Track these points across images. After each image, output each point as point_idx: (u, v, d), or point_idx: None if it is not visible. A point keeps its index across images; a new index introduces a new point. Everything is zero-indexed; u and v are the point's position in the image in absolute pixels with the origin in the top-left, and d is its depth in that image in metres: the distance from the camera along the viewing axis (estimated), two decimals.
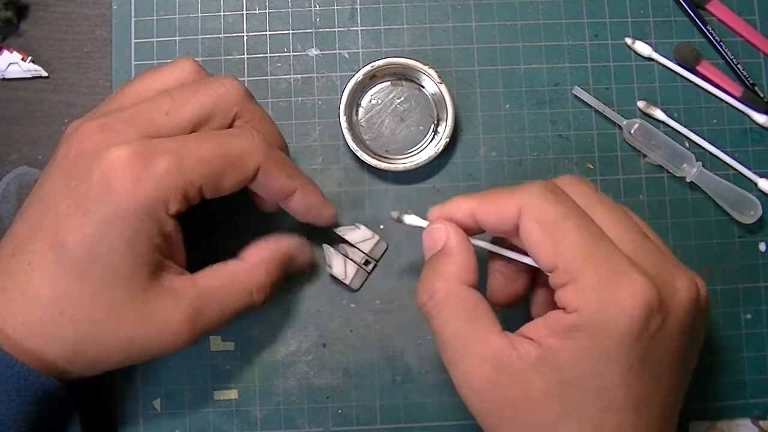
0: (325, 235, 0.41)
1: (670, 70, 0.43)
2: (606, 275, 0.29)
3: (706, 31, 0.43)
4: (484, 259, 0.35)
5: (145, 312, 0.32)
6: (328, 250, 0.41)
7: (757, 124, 0.43)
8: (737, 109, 0.43)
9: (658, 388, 0.30)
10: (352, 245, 0.41)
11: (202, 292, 0.34)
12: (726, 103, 0.43)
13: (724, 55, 0.43)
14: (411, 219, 0.36)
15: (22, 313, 0.32)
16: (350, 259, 0.41)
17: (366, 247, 0.41)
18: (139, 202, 0.31)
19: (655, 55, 0.43)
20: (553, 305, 0.30)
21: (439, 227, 0.33)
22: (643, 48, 0.43)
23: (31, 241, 0.32)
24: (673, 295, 0.30)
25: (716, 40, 0.43)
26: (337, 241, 0.41)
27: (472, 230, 0.33)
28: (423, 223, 0.35)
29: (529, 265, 0.33)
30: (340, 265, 0.40)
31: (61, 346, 0.32)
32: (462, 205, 0.33)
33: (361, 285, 0.42)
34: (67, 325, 0.32)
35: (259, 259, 0.36)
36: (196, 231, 0.35)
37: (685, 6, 0.43)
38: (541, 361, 0.29)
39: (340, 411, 0.41)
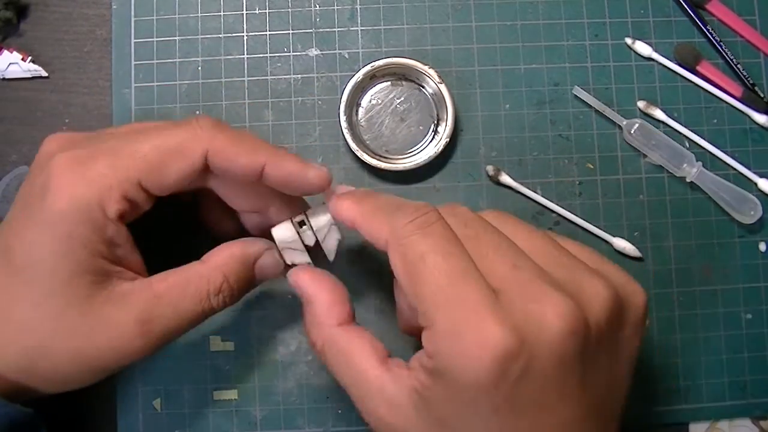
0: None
1: (670, 70, 0.43)
2: (458, 323, 0.27)
3: (706, 31, 0.43)
4: None
5: (92, 320, 0.31)
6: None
7: (757, 124, 0.43)
8: (737, 109, 0.43)
9: (546, 420, 0.28)
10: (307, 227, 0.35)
11: (153, 295, 0.32)
12: (726, 103, 0.43)
13: (724, 55, 0.43)
14: (318, 220, 0.34)
15: None
16: (299, 234, 0.35)
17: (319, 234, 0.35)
18: (72, 205, 0.30)
19: (655, 55, 0.43)
20: None
21: (293, 280, 0.33)
22: (643, 48, 0.43)
23: None
24: (541, 331, 0.27)
25: (716, 40, 0.43)
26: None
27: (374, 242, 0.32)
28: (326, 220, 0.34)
29: None
30: (283, 233, 0.35)
31: (12, 357, 0.31)
32: (345, 211, 0.32)
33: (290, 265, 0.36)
34: (15, 333, 0.31)
35: (219, 261, 0.34)
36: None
37: (685, 6, 0.44)
38: (416, 395, 0.29)
39: (339, 411, 0.41)
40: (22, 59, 0.43)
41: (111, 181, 0.31)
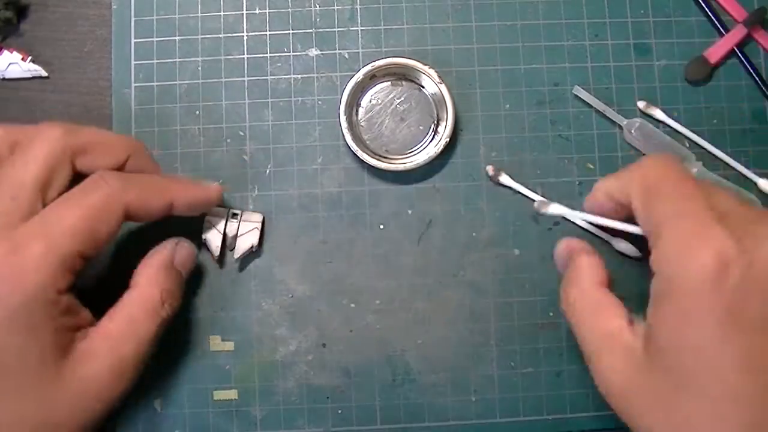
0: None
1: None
2: (684, 232, 0.29)
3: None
4: None
5: (72, 392, 0.32)
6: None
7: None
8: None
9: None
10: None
11: (112, 339, 0.34)
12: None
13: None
14: (554, 208, 0.38)
15: None
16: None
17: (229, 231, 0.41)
18: (26, 296, 0.30)
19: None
20: None
21: (561, 246, 0.37)
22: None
23: None
24: (760, 244, 0.28)
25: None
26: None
27: (620, 212, 0.35)
28: (565, 211, 0.38)
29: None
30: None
31: None
32: (599, 188, 0.36)
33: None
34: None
35: (147, 279, 0.36)
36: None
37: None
38: (646, 335, 0.30)
39: (339, 411, 0.41)
40: (22, 59, 0.43)
41: (53, 261, 0.31)
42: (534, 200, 0.42)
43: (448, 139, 0.41)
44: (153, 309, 0.35)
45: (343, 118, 0.41)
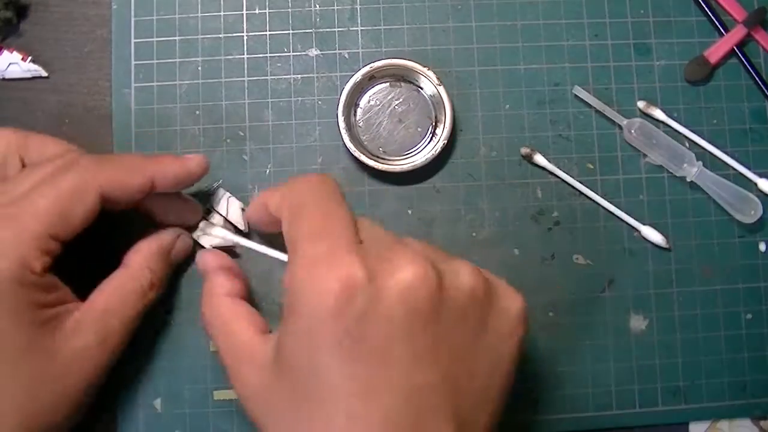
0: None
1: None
2: (315, 254, 0.29)
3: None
4: None
5: (60, 365, 0.33)
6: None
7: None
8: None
9: (390, 377, 0.27)
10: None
11: (100, 312, 0.35)
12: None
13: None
14: (217, 231, 0.40)
15: None
16: (207, 220, 0.41)
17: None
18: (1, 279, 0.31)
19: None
20: None
21: (197, 259, 0.38)
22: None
23: None
24: (391, 275, 0.28)
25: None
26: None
27: (276, 225, 0.33)
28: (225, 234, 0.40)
29: None
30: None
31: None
32: (258, 199, 0.35)
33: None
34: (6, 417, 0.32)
35: (141, 260, 0.37)
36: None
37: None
38: (276, 348, 0.30)
39: None
40: (22, 59, 0.43)
41: (22, 245, 0.31)
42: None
43: (445, 142, 0.41)
44: (141, 290, 0.36)
45: (341, 118, 0.41)
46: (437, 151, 0.41)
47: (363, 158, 0.41)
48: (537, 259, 0.42)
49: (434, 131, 0.42)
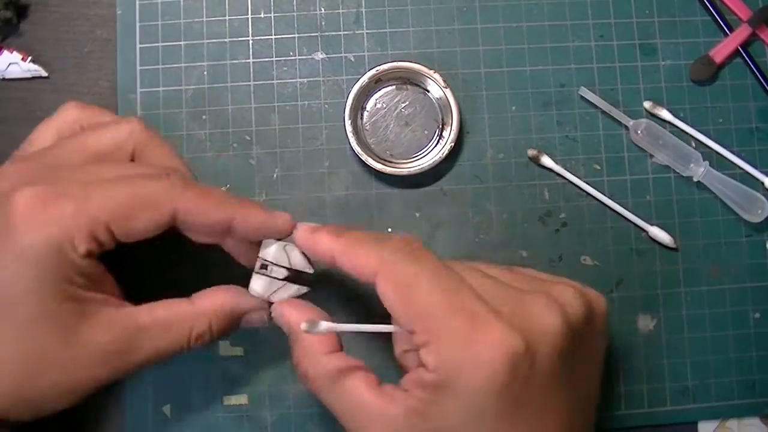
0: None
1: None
2: (464, 331, 0.28)
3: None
4: None
5: (75, 349, 0.32)
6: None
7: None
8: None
9: (545, 421, 0.29)
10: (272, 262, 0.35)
11: (136, 327, 0.33)
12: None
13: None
14: (324, 326, 0.32)
15: None
16: (271, 277, 0.35)
17: (284, 261, 0.35)
18: (41, 241, 0.30)
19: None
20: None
21: (277, 314, 0.34)
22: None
23: None
24: (537, 327, 0.29)
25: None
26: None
27: (328, 266, 0.33)
28: (338, 327, 0.32)
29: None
30: (260, 285, 0.35)
31: None
32: (324, 244, 0.33)
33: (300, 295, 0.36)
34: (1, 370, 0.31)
35: (209, 307, 0.34)
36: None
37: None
38: (414, 413, 0.29)
39: None
40: (22, 59, 0.43)
41: (80, 221, 0.31)
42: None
43: (452, 144, 0.41)
44: (187, 337, 0.34)
45: (348, 122, 0.41)
46: (444, 154, 0.41)
47: (370, 161, 0.41)
48: (545, 260, 0.42)
49: (441, 134, 0.42)
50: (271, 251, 0.35)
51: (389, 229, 0.42)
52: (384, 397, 0.31)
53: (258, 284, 0.35)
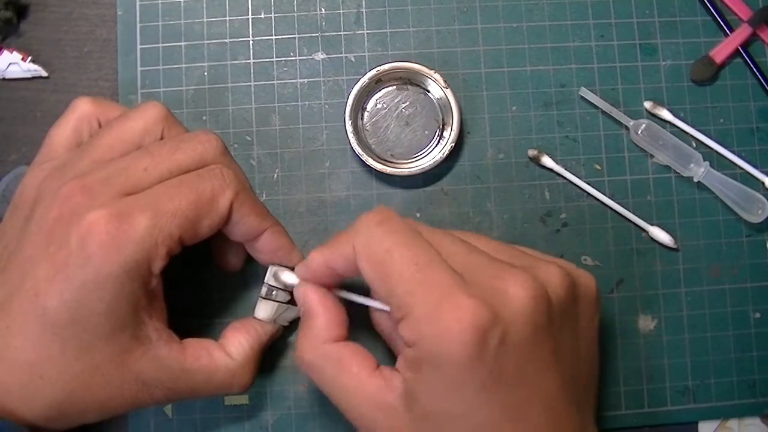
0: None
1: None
2: (433, 304, 0.29)
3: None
4: None
5: (125, 375, 0.32)
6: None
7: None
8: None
9: (531, 392, 0.29)
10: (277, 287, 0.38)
11: (182, 369, 0.34)
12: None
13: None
14: (286, 277, 0.36)
15: (1, 376, 0.31)
16: (276, 301, 0.38)
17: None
18: (120, 266, 0.31)
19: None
20: None
21: (298, 289, 0.35)
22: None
23: (10, 305, 0.31)
24: (509, 302, 0.29)
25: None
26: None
27: (337, 280, 0.34)
28: (295, 280, 0.35)
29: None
30: (265, 311, 0.38)
31: (40, 408, 0.32)
32: (317, 259, 0.34)
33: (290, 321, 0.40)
34: (47, 387, 0.31)
35: (246, 357, 0.36)
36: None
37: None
38: (405, 393, 0.30)
39: None
40: (22, 59, 0.43)
41: (157, 238, 0.31)
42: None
43: (453, 144, 0.41)
44: (227, 389, 0.35)
45: (348, 122, 0.41)
46: (445, 154, 0.41)
47: (371, 162, 0.41)
48: None
49: (441, 134, 0.42)
50: (276, 277, 0.37)
51: None
52: (380, 378, 0.31)
53: (262, 311, 0.38)
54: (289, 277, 0.36)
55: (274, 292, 0.38)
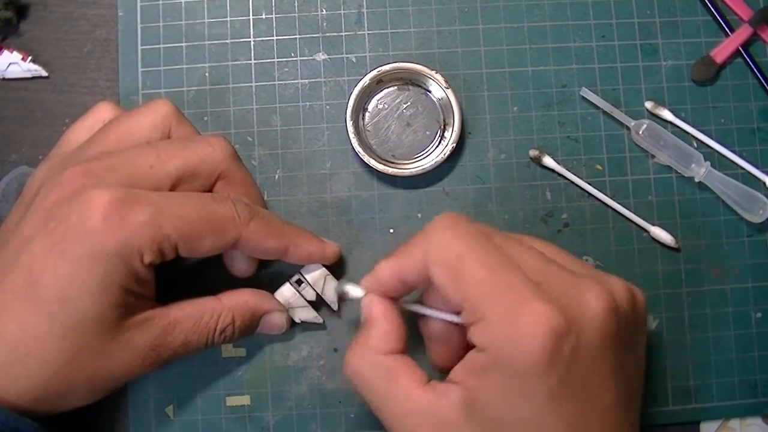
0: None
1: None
2: (508, 308, 0.29)
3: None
4: None
5: (114, 345, 0.33)
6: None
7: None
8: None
9: (592, 405, 0.29)
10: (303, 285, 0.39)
11: (169, 322, 0.34)
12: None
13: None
14: (351, 290, 0.35)
15: None
16: (300, 293, 0.39)
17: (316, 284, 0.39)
18: (115, 246, 0.31)
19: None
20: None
21: (364, 300, 0.34)
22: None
23: (1, 281, 0.32)
24: (584, 311, 0.29)
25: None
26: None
27: (404, 290, 0.34)
28: (361, 293, 0.35)
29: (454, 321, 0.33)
30: (289, 294, 0.39)
31: (25, 387, 0.32)
32: (384, 269, 0.33)
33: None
34: (32, 365, 0.31)
35: (234, 303, 0.37)
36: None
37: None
38: (465, 403, 0.30)
39: (352, 416, 0.41)
40: (22, 59, 0.43)
41: (154, 234, 0.32)
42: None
43: (454, 145, 0.41)
44: (214, 329, 0.36)
45: (349, 123, 0.41)
46: (446, 155, 0.41)
47: (372, 162, 0.41)
48: None
49: (443, 134, 0.42)
50: (313, 274, 0.39)
51: (391, 230, 0.42)
52: (433, 392, 0.31)
53: (287, 292, 0.39)
54: (354, 290, 0.35)
55: (302, 284, 0.39)
